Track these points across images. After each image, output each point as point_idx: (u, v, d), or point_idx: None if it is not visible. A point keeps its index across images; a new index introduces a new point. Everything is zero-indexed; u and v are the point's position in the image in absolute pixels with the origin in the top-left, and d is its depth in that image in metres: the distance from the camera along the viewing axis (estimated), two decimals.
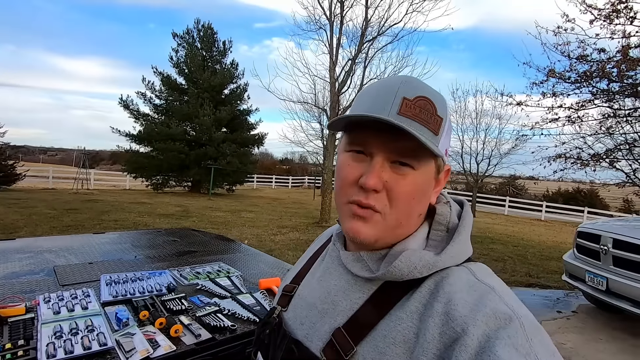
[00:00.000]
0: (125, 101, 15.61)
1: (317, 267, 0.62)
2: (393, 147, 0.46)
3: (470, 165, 16.86)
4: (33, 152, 69.71)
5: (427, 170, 0.49)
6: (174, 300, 1.40)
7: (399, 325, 0.45)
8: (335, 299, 0.52)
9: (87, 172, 15.10)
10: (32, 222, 6.83)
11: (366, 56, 8.98)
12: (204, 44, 16.52)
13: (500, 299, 0.42)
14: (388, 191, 0.47)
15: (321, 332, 0.51)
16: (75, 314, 1.22)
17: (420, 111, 0.45)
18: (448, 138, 0.51)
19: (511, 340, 0.37)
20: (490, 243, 8.88)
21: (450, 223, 0.52)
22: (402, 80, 0.48)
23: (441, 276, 0.46)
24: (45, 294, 1.34)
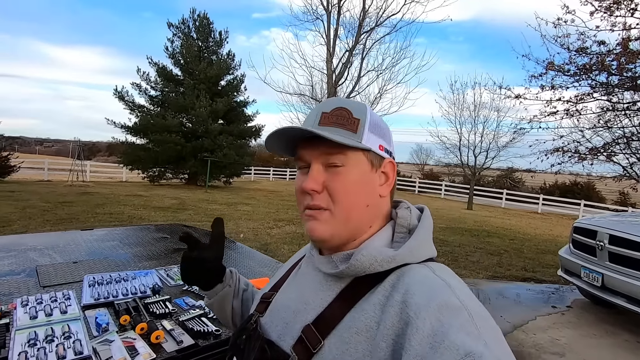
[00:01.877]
0: (120, 92, 15.37)
1: (294, 275, 0.66)
2: (322, 153, 0.53)
3: (468, 158, 16.85)
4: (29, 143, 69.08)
5: (359, 165, 0.54)
6: (158, 303, 1.35)
7: (363, 316, 0.48)
8: (308, 298, 0.56)
9: (83, 163, 14.95)
10: (25, 216, 6.75)
11: (364, 47, 8.85)
12: (200, 34, 16.24)
13: (452, 293, 0.45)
14: (328, 190, 0.53)
15: (293, 331, 0.54)
16: (52, 319, 1.17)
17: (337, 118, 0.54)
18: (379, 135, 0.56)
19: (462, 327, 0.41)
20: (487, 237, 8.89)
21: (411, 225, 0.56)
22: (324, 101, 0.58)
23: (403, 271, 0.50)
24: (23, 297, 1.29)
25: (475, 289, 4.71)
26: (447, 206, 16.31)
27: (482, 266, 5.89)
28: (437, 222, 10.39)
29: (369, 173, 0.55)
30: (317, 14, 8.72)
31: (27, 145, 62.22)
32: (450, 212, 13.86)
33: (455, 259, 6.29)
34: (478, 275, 5.38)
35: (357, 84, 8.69)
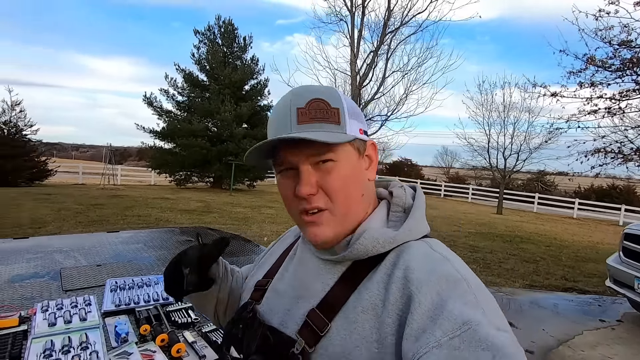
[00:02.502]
0: (149, 98, 15.88)
1: (289, 261, 0.64)
2: (309, 152, 0.50)
3: (497, 161, 16.18)
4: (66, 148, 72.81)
5: (348, 157, 0.52)
6: (180, 311, 1.27)
7: (367, 295, 0.48)
8: (308, 284, 0.55)
9: (114, 168, 15.53)
10: (59, 217, 7.02)
11: (388, 48, 8.66)
12: (225, 40, 16.55)
13: (451, 266, 0.46)
14: (323, 189, 0.51)
15: (296, 317, 0.53)
16: (71, 327, 1.11)
17: (316, 112, 0.50)
18: (356, 119, 0.54)
19: (461, 297, 0.42)
20: (520, 242, 8.43)
21: (406, 204, 0.56)
22: (291, 94, 0.53)
23: (401, 249, 0.50)
24: (44, 302, 1.23)
25: (511, 298, 4.42)
26: (476, 210, 15.73)
27: (518, 274, 5.55)
28: (466, 227, 10.00)
29: (357, 162, 0.54)
30: (340, 15, 8.62)
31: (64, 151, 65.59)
32: (479, 216, 13.33)
33: (488, 265, 5.97)
34: (514, 284, 5.06)
35: (382, 85, 8.49)
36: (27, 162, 13.88)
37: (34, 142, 14.96)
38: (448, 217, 11.89)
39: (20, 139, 14.06)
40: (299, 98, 0.52)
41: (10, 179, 12.84)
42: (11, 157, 13.20)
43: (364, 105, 8.62)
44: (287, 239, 0.72)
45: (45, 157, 15.51)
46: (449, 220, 11.13)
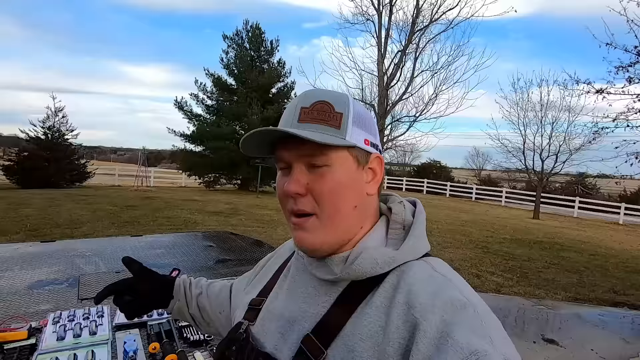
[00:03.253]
0: (179, 103, 16.39)
1: (283, 279, 0.61)
2: (304, 152, 0.49)
3: (533, 163, 15.32)
4: (105, 152, 76.82)
5: (344, 163, 0.50)
6: (193, 327, 1.19)
7: (366, 321, 0.45)
8: (303, 306, 0.53)
9: (147, 170, 16.11)
10: (95, 218, 7.31)
11: (417, 47, 8.38)
12: (253, 44, 16.80)
13: (456, 288, 0.44)
14: (312, 192, 0.49)
15: (290, 342, 0.51)
16: (80, 342, 1.05)
17: (318, 113, 0.50)
18: (362, 129, 0.52)
19: (467, 324, 0.39)
20: (560, 250, 7.86)
21: (406, 221, 0.54)
22: (302, 94, 0.54)
23: (402, 270, 0.48)
24: (56, 313, 1.20)
25: (553, 312, 4.09)
26: (510, 215, 14.98)
27: (560, 285, 5.15)
28: (500, 233, 9.51)
29: (355, 171, 0.51)
30: (367, 15, 8.45)
31: (104, 154, 69.22)
32: (513, 221, 12.67)
33: (525, 275, 5.59)
34: (555, 296, 4.69)
35: (410, 85, 8.23)
36: (68, 165, 14.67)
37: (75, 146, 15.79)
38: (480, 222, 11.38)
39: (62, 143, 14.88)
40: (307, 99, 0.52)
41: (53, 181, 13.60)
42: (54, 160, 14.01)
43: (391, 106, 8.40)
44: (283, 253, 0.69)
45: (84, 160, 16.34)
46: (481, 225, 10.64)
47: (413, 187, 23.20)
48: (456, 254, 6.66)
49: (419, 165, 28.36)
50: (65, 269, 1.69)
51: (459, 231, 9.22)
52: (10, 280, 1.52)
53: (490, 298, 4.44)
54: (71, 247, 2.07)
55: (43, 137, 14.52)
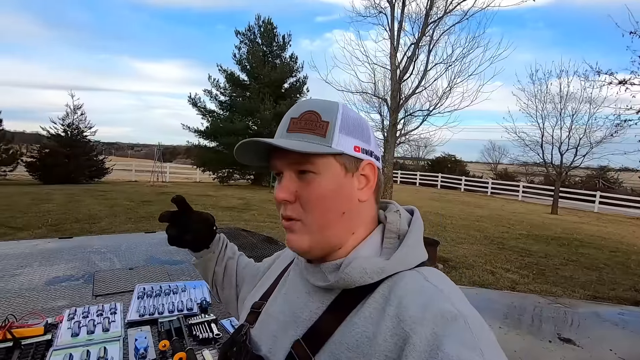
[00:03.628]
0: (193, 99, 16.58)
1: (282, 283, 0.63)
2: (290, 160, 0.51)
3: (552, 156, 14.89)
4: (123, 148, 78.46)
5: (331, 171, 0.51)
6: (203, 325, 1.20)
7: (353, 331, 0.46)
8: (297, 311, 0.54)
9: (162, 165, 16.40)
10: (112, 213, 7.50)
11: (431, 39, 8.20)
12: (265, 40, 16.80)
13: (447, 300, 0.43)
14: (300, 199, 0.51)
15: (283, 345, 0.52)
16: (93, 338, 1.08)
17: (305, 123, 0.52)
18: (352, 135, 0.52)
19: (457, 337, 0.39)
20: (579, 247, 7.65)
21: (401, 230, 0.54)
22: (295, 105, 0.55)
23: (394, 280, 0.48)
24: (71, 309, 1.23)
25: (570, 310, 3.99)
26: (527, 210, 14.65)
27: (578, 283, 5.02)
28: (517, 229, 9.32)
29: (342, 178, 0.52)
30: (380, 7, 8.30)
31: (122, 150, 70.74)
32: (530, 216, 12.39)
33: (542, 272, 5.47)
34: (573, 294, 4.58)
35: (424, 79, 8.08)
36: (87, 161, 15.07)
37: (93, 142, 16.19)
38: (495, 217, 11.17)
39: (81, 140, 15.27)
40: (297, 109, 0.54)
41: (73, 177, 14.00)
42: (74, 157, 14.40)
43: (404, 100, 8.28)
44: (286, 257, 0.71)
45: (103, 156, 16.75)
46: (497, 220, 10.44)
47: (427, 181, 22.92)
48: (470, 250, 6.57)
49: (433, 159, 27.98)
50: (81, 266, 1.74)
51: (474, 227, 9.08)
52: (29, 276, 1.58)
53: (505, 295, 4.37)
54: (87, 243, 2.13)
55: (63, 134, 14.92)
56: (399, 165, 27.52)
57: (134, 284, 1.51)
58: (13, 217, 6.60)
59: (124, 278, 1.61)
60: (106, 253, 1.95)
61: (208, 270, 0.82)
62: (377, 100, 9.25)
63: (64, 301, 1.35)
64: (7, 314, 1.12)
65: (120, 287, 1.51)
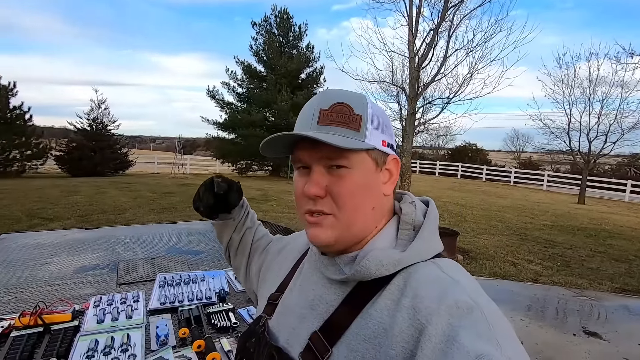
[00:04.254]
0: (212, 92, 16.78)
1: (298, 275, 0.63)
2: (323, 155, 0.50)
3: (579, 144, 14.28)
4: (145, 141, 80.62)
5: (363, 165, 0.50)
6: (221, 314, 1.23)
7: (370, 322, 0.46)
8: (313, 303, 0.54)
9: (183, 157, 16.77)
10: (136, 205, 7.76)
11: (451, 24, 7.93)
12: (281, 30, 16.73)
13: (463, 291, 0.43)
14: (331, 194, 0.50)
15: (300, 337, 0.52)
16: (117, 325, 1.13)
17: (338, 115, 0.50)
18: (381, 130, 0.52)
19: (473, 328, 0.39)
20: (608, 237, 7.36)
21: (416, 221, 0.53)
22: (320, 94, 0.53)
23: (409, 272, 0.48)
24: (96, 297, 1.28)
25: (597, 303, 3.86)
26: (552, 199, 14.18)
27: (606, 275, 4.85)
28: (541, 219, 9.05)
29: (373, 173, 0.52)
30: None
31: (144, 143, 72.69)
32: (556, 206, 11.98)
33: (567, 264, 5.30)
34: (600, 286, 4.42)
35: (443, 65, 7.86)
36: (112, 154, 15.58)
37: (117, 136, 16.70)
38: (518, 207, 10.87)
39: (105, 134, 15.78)
40: (325, 100, 0.52)
41: (99, 170, 14.52)
42: (99, 150, 14.92)
43: (423, 88, 8.09)
44: (298, 246, 0.71)
45: (126, 149, 17.26)
46: (519, 211, 10.16)
47: (447, 171, 22.49)
48: (491, 240, 6.43)
49: (453, 148, 27.37)
50: (106, 255, 1.80)
51: (495, 217, 8.87)
52: (58, 265, 1.65)
53: (527, 287, 4.27)
54: (112, 234, 2.21)
55: (88, 129, 15.45)
56: (418, 155, 27.08)
57: (155, 273, 1.56)
58: (45, 208, 6.93)
59: (146, 267, 1.66)
60: (129, 243, 2.02)
61: (224, 234, 0.85)
62: (395, 88, 9.08)
63: (90, 289, 1.41)
64: (37, 301, 1.18)
65: (143, 276, 1.56)
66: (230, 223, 0.84)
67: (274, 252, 0.77)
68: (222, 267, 1.70)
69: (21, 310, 1.13)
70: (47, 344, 1.00)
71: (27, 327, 1.07)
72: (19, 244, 1.94)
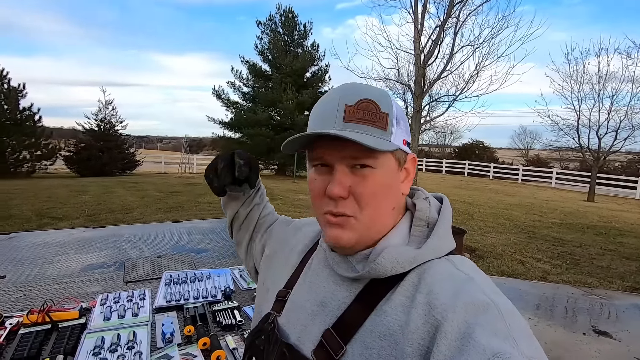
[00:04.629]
0: (217, 91, 16.83)
1: (306, 271, 0.62)
2: (348, 153, 0.48)
3: (588, 140, 14.05)
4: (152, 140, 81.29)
5: (387, 166, 0.50)
6: (226, 312, 1.23)
7: (384, 319, 0.46)
8: (324, 300, 0.53)
9: (189, 157, 16.88)
10: (143, 204, 7.83)
11: (457, 20, 7.86)
12: (286, 29, 16.72)
13: (478, 288, 0.43)
14: (354, 195, 0.49)
15: (312, 334, 0.52)
16: (123, 322, 1.13)
17: (364, 113, 0.48)
18: (403, 128, 0.52)
19: (490, 325, 0.39)
20: (618, 235, 7.24)
21: (430, 218, 0.53)
22: (342, 89, 0.51)
23: (423, 269, 0.47)
24: (103, 295, 1.29)
25: (607, 302, 3.80)
26: (560, 197, 13.99)
27: (616, 274, 4.77)
28: (549, 217, 8.94)
29: (395, 173, 0.51)
30: None
31: (151, 143, 73.27)
32: (564, 204, 11.83)
33: (576, 262, 5.23)
34: (610, 285, 4.35)
35: (450, 62, 7.78)
36: (119, 154, 15.73)
37: (124, 136, 16.85)
38: (526, 205, 10.75)
39: (113, 134, 15.94)
40: (349, 95, 0.49)
41: (107, 169, 14.68)
42: (107, 150, 15.07)
43: (429, 86, 8.03)
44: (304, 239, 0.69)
45: (134, 149, 17.42)
46: (528, 208, 10.05)
47: (454, 169, 22.33)
48: (499, 239, 6.37)
49: (460, 146, 27.16)
50: (113, 254, 1.82)
51: (503, 215, 8.78)
52: (66, 263, 1.67)
53: (536, 286, 4.22)
54: (119, 232, 2.23)
55: (96, 129, 15.61)
56: (424, 153, 26.94)
57: (161, 271, 1.57)
58: (54, 207, 7.02)
59: (152, 266, 1.67)
60: (136, 242, 2.03)
61: (230, 207, 0.81)
62: (401, 86, 9.01)
63: (97, 287, 1.42)
64: (46, 299, 1.19)
65: (149, 274, 1.57)
66: (240, 197, 0.81)
67: (279, 237, 0.75)
68: (227, 265, 1.70)
69: (29, 308, 1.15)
70: (54, 341, 1.01)
71: (35, 325, 1.09)
72: (28, 242, 1.96)
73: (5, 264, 1.63)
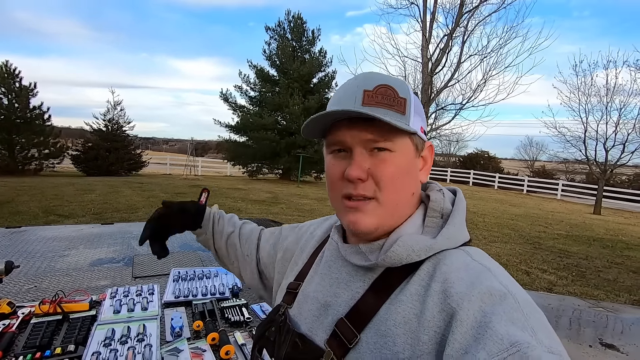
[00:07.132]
0: (225, 95, 17.00)
1: (318, 263, 0.62)
2: (367, 136, 0.49)
3: (595, 153, 13.98)
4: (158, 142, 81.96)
5: (405, 149, 0.50)
6: (234, 308, 1.24)
7: (400, 308, 0.45)
8: (337, 290, 0.54)
9: (195, 159, 16.99)
10: (148, 204, 7.87)
11: (465, 30, 7.91)
12: (294, 34, 16.89)
13: (495, 278, 0.43)
14: (373, 177, 0.49)
15: (325, 324, 0.52)
16: (133, 316, 1.14)
17: (382, 97, 0.49)
18: (419, 116, 0.52)
19: (507, 315, 0.38)
20: (625, 249, 7.16)
21: (444, 209, 0.53)
22: (361, 76, 0.52)
23: (438, 258, 0.47)
24: (113, 289, 1.30)
25: (614, 315, 3.75)
26: (566, 209, 13.88)
27: (623, 287, 4.71)
28: (554, 228, 8.86)
29: (413, 159, 0.52)
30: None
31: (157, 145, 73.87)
32: (570, 216, 11.72)
33: (582, 274, 5.17)
34: (617, 298, 4.29)
35: (457, 71, 7.81)
36: (126, 154, 15.86)
37: (131, 137, 17.01)
38: (532, 216, 10.67)
39: (120, 135, 16.09)
40: (368, 81, 0.50)
41: (113, 169, 14.80)
42: (114, 150, 15.20)
43: (436, 94, 8.04)
44: (319, 234, 0.69)
45: (140, 150, 17.57)
46: (533, 219, 9.97)
47: (458, 178, 22.24)
48: (503, 249, 6.32)
49: (464, 155, 27.08)
50: (121, 249, 1.83)
51: (508, 225, 8.72)
52: (76, 257, 1.68)
53: (541, 297, 4.17)
54: (127, 229, 2.24)
55: (104, 129, 15.77)
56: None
57: (169, 268, 1.57)
58: (61, 205, 7.08)
59: (161, 262, 1.68)
60: None
61: (209, 248, 0.86)
62: None
63: (106, 281, 1.43)
64: (57, 290, 1.20)
65: (157, 270, 1.58)
66: (204, 237, 0.84)
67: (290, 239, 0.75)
68: None
69: (40, 299, 1.16)
70: (65, 331, 1.02)
71: (46, 315, 1.10)
72: (37, 236, 1.99)
73: (17, 255, 1.64)
